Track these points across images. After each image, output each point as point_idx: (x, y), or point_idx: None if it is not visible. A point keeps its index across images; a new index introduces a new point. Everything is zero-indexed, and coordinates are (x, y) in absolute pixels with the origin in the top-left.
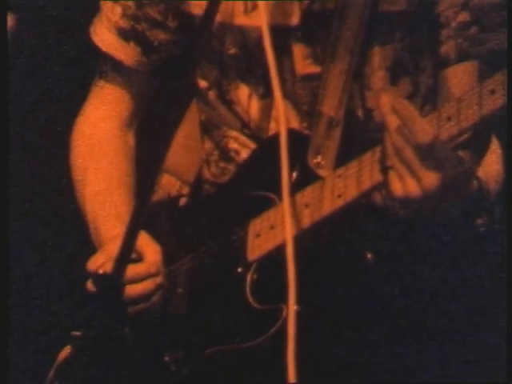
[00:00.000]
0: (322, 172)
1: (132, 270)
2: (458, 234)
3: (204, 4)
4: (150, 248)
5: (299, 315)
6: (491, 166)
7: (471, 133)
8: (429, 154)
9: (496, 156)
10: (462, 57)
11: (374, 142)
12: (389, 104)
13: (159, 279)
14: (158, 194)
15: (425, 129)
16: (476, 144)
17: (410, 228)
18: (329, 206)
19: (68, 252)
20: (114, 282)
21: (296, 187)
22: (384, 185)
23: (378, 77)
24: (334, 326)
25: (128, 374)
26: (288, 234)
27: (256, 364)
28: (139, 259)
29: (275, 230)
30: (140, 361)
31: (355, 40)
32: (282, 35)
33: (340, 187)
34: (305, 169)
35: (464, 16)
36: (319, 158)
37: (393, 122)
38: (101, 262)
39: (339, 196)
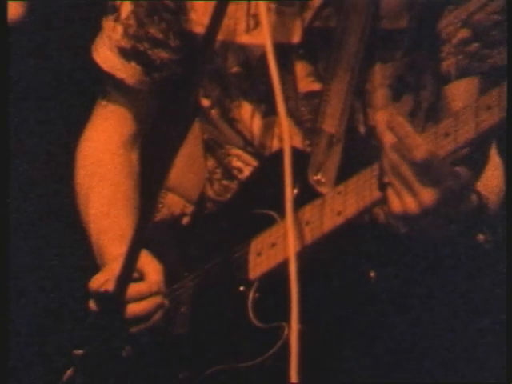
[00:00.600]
0: (322, 189)
1: (133, 288)
2: (460, 250)
3: (205, 22)
4: (151, 267)
5: (302, 334)
6: (492, 180)
7: (469, 148)
8: (425, 170)
9: (497, 170)
10: (463, 73)
11: (375, 158)
12: (384, 121)
13: (160, 298)
14: (162, 213)
15: (420, 145)
16: (474, 159)
17: (413, 245)
18: (329, 224)
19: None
20: (115, 300)
21: (296, 204)
22: (384, 201)
23: (379, 94)
24: (337, 344)
25: None
26: (291, 251)
27: (259, 383)
28: (141, 278)
29: (276, 248)
30: (143, 380)
31: (356, 58)
32: (284, 53)
33: (340, 204)
34: (305, 186)
35: (464, 33)
36: (320, 175)
37: (389, 139)
38: (103, 281)
39: (339, 213)
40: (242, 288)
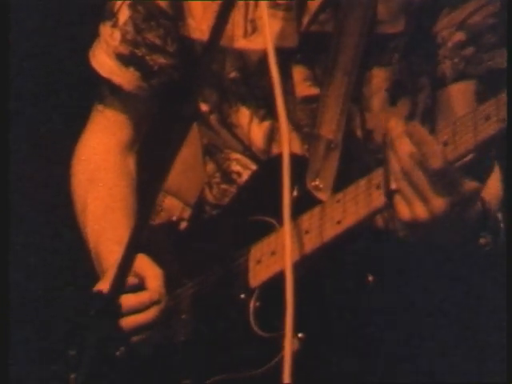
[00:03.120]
0: (320, 195)
1: (135, 299)
2: (461, 253)
3: (203, 28)
4: (151, 272)
5: (302, 342)
6: (492, 185)
7: (474, 156)
8: (440, 177)
9: (496, 175)
10: (459, 76)
11: (373, 163)
12: (399, 127)
13: (163, 305)
14: (161, 217)
15: (438, 153)
16: (479, 167)
17: (412, 249)
18: (329, 233)
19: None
20: (109, 302)
21: (295, 211)
22: (384, 210)
23: (377, 98)
24: (336, 350)
25: None
26: (288, 259)
27: None
28: (140, 283)
29: (276, 256)
30: None
31: (353, 62)
32: (281, 58)
33: (339, 213)
34: (303, 192)
35: (460, 36)
36: (318, 181)
37: (403, 145)
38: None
39: (339, 222)
40: (242, 296)
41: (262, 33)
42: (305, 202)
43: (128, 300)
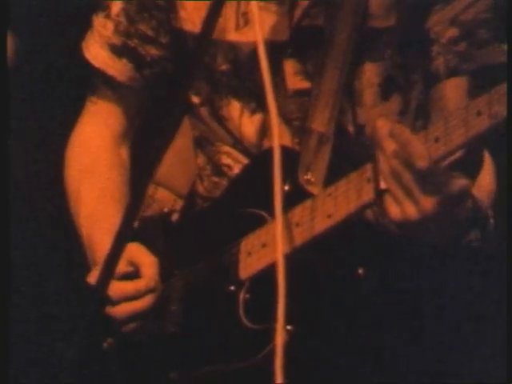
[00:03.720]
0: (312, 189)
1: (131, 286)
2: (450, 247)
3: (195, 20)
4: (145, 260)
5: (291, 334)
6: (483, 180)
7: (464, 152)
8: (426, 178)
9: (487, 170)
10: (452, 72)
11: (365, 157)
12: (385, 128)
13: (158, 292)
14: (153, 209)
15: (423, 154)
16: (469, 163)
17: (402, 243)
18: (320, 226)
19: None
20: (98, 292)
21: (286, 204)
22: (375, 204)
23: (369, 93)
24: (326, 342)
25: None
26: (279, 251)
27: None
28: (135, 271)
29: (266, 248)
30: (132, 379)
31: (344, 56)
32: (273, 51)
33: (330, 207)
34: (295, 185)
35: (453, 32)
36: (309, 175)
37: (390, 146)
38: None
39: (329, 216)
40: (232, 287)
41: (253, 26)
42: (296, 196)
43: (124, 287)
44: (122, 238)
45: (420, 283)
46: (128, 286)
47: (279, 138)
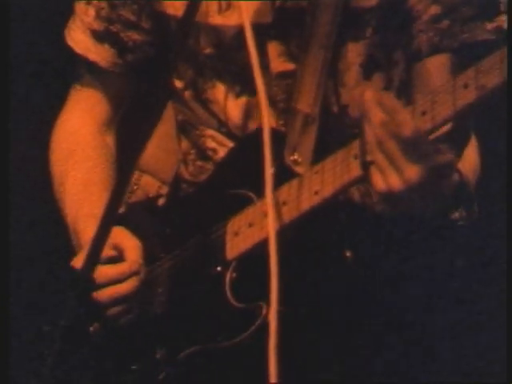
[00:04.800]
0: (299, 169)
1: (115, 270)
2: (436, 227)
3: (177, 4)
4: (129, 244)
5: (279, 314)
6: (469, 157)
7: (451, 126)
8: (411, 147)
9: (473, 148)
10: (434, 50)
11: (349, 137)
12: (374, 98)
13: (142, 275)
14: (137, 195)
15: (409, 121)
16: (456, 137)
17: (388, 224)
18: (306, 204)
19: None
20: (84, 277)
21: (273, 185)
22: (362, 180)
23: (351, 72)
24: (314, 324)
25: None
26: (271, 229)
27: (236, 363)
28: (119, 255)
29: (253, 228)
30: (120, 360)
31: (328, 36)
32: (256, 33)
33: (317, 184)
34: (282, 166)
35: (435, 9)
36: (296, 155)
37: (377, 115)
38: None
39: (316, 193)
40: (219, 268)
41: (237, 9)
42: (283, 177)
43: (108, 271)
44: (107, 224)
45: (408, 266)
46: (112, 270)
47: (269, 118)
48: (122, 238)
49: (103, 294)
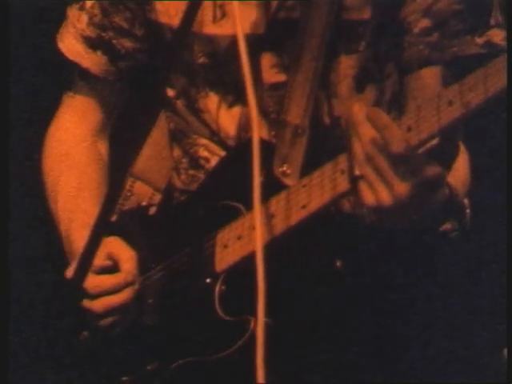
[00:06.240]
0: (288, 181)
1: (110, 281)
2: (427, 238)
3: (171, 12)
4: (124, 254)
5: (268, 327)
6: (459, 169)
7: (439, 140)
8: (401, 162)
9: (463, 160)
10: (424, 63)
11: (340, 149)
12: (362, 113)
13: (137, 286)
14: (131, 202)
15: (399, 137)
16: (444, 150)
17: (378, 235)
18: (294, 217)
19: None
20: (75, 286)
21: (262, 196)
22: (349, 195)
23: (344, 85)
24: (304, 335)
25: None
26: (258, 242)
27: (224, 376)
28: (114, 266)
29: (242, 240)
30: (110, 371)
31: (320, 48)
32: (250, 44)
33: (304, 198)
34: (271, 178)
35: (426, 22)
36: (285, 167)
37: (366, 130)
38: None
39: (304, 207)
40: (208, 280)
41: (231, 19)
42: (271, 188)
43: (103, 281)
44: (99, 231)
45: (398, 275)
46: (107, 280)
47: (259, 130)
48: (118, 248)
49: (97, 304)
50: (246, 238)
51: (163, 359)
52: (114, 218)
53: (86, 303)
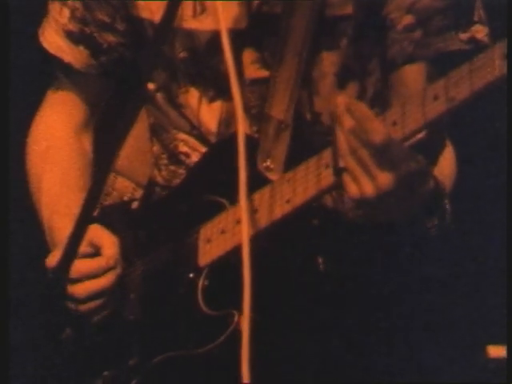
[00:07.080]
0: (271, 175)
1: (91, 264)
2: (408, 235)
3: (152, 8)
4: (106, 240)
5: (251, 321)
6: (445, 164)
7: (425, 134)
8: (383, 153)
9: (449, 155)
10: (408, 60)
11: (322, 144)
12: (344, 105)
13: (118, 270)
14: (113, 197)
15: (379, 129)
16: (430, 144)
17: (361, 231)
18: (278, 212)
19: None
20: (59, 277)
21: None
22: (333, 189)
23: (326, 81)
24: (287, 331)
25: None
26: (245, 236)
27: (208, 371)
28: (96, 252)
29: (225, 235)
30: (92, 366)
31: (302, 44)
32: (231, 39)
33: (288, 192)
34: (254, 172)
35: (409, 19)
36: (269, 162)
37: (347, 122)
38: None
39: (288, 201)
40: (191, 275)
41: (212, 14)
42: (255, 183)
43: (85, 264)
44: (83, 224)
45: (381, 272)
46: (88, 264)
47: (241, 125)
48: (99, 234)
49: (79, 288)
50: (229, 232)
51: (146, 354)
52: (96, 213)
53: (69, 288)
